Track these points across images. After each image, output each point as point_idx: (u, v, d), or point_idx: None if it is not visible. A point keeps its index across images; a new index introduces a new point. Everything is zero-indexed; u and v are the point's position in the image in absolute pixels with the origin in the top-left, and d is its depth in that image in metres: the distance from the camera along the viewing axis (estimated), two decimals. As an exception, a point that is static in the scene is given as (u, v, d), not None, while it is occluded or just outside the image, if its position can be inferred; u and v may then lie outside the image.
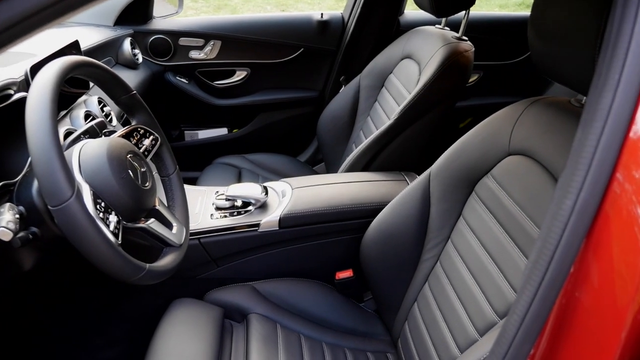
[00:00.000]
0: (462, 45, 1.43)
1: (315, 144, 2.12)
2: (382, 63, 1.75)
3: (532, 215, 0.86)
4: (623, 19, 0.49)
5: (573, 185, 0.51)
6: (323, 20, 1.96)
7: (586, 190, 0.50)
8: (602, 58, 0.52)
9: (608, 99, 0.50)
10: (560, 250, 0.52)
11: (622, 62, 0.49)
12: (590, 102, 0.53)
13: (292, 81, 2.06)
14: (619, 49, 0.49)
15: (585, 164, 0.51)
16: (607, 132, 0.49)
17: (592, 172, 0.50)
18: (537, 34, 0.84)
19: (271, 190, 1.32)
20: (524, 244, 0.86)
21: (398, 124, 1.42)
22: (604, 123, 0.50)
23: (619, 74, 0.49)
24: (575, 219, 0.51)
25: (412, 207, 1.13)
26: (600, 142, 0.50)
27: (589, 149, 0.50)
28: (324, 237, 1.26)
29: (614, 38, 0.50)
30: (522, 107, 0.98)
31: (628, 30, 0.49)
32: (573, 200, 0.51)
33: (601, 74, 0.51)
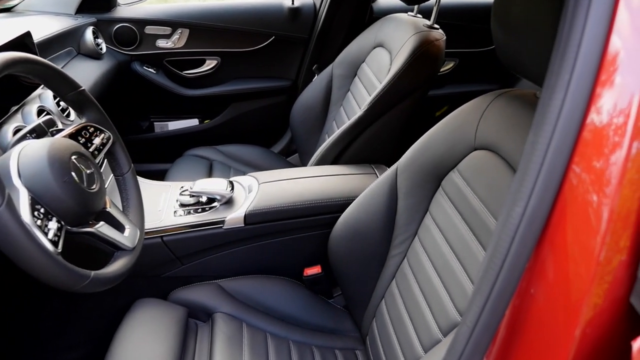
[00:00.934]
0: (432, 34, 1.40)
1: (289, 135, 2.08)
2: (355, 51, 1.71)
3: (495, 214, 0.84)
4: (574, 17, 0.47)
5: (523, 191, 0.49)
6: (294, 7, 1.91)
7: (536, 196, 0.48)
8: (553, 57, 0.49)
9: (558, 101, 0.47)
10: (508, 263, 0.49)
11: (573, 62, 0.46)
12: (542, 103, 0.50)
13: (264, 70, 2.01)
14: (569, 48, 0.47)
15: (535, 168, 0.48)
16: (557, 135, 0.47)
17: (542, 177, 0.48)
18: (500, 27, 0.81)
19: (238, 185, 1.29)
20: (487, 242, 0.84)
21: (368, 115, 1.39)
22: (553, 126, 0.47)
23: (569, 74, 0.47)
24: (524, 228, 0.49)
25: (379, 202, 1.11)
26: (550, 145, 0.47)
27: (539, 152, 0.48)
28: (292, 233, 1.24)
29: (565, 36, 0.48)
30: (488, 100, 0.95)
31: (579, 29, 0.46)
32: (523, 208, 0.49)
33: (552, 74, 0.49)
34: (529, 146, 0.51)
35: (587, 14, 0.46)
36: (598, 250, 0.46)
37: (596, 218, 0.46)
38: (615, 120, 0.46)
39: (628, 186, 0.45)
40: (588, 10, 0.46)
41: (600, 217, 0.46)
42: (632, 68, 0.46)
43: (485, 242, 0.84)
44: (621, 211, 0.45)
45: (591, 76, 0.46)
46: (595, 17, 0.46)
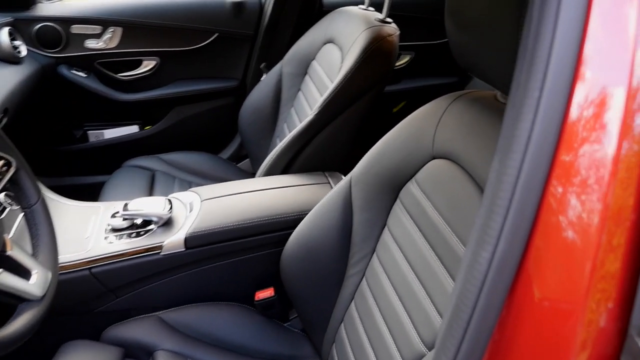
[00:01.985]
0: (385, 28, 1.30)
1: (238, 139, 1.95)
2: (304, 48, 1.59)
3: (457, 230, 0.75)
4: (541, 25, 0.37)
5: (490, 233, 0.39)
6: (237, 1, 1.77)
7: (505, 239, 0.38)
8: (518, 69, 0.40)
9: (527, 122, 0.37)
10: (477, 318, 0.40)
11: (543, 75, 0.37)
12: (507, 125, 0.40)
13: (208, 70, 1.86)
14: (538, 59, 0.37)
15: (503, 205, 0.39)
16: (527, 164, 0.37)
17: (512, 215, 0.38)
18: (455, 25, 0.71)
19: (177, 202, 1.16)
20: (451, 264, 0.75)
21: (320, 119, 1.28)
22: (522, 154, 0.38)
23: (539, 90, 0.37)
24: (493, 276, 0.39)
25: (333, 217, 1.01)
26: (520, 177, 0.38)
27: (507, 186, 0.38)
28: (239, 254, 1.12)
29: (531, 45, 0.38)
30: (444, 104, 0.86)
31: (547, 37, 0.37)
32: (490, 253, 0.39)
33: (518, 88, 0.39)
34: (494, 176, 0.41)
35: (556, 20, 0.36)
36: (583, 297, 0.37)
37: (583, 249, 0.37)
38: (595, 139, 0.37)
39: (613, 216, 0.37)
40: (557, 16, 0.36)
41: (587, 249, 0.37)
42: (605, 68, 0.37)
43: (448, 263, 0.75)
44: (611, 241, 0.37)
45: (566, 85, 0.37)
46: (566, 24, 0.36)
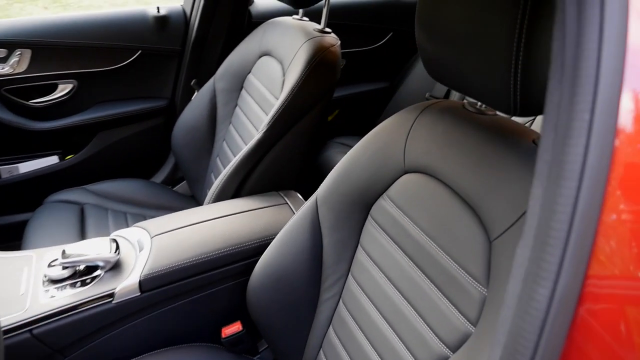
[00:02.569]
0: (326, 39, 1.27)
1: (172, 161, 1.83)
2: (238, 62, 1.52)
3: (445, 247, 0.73)
4: (582, 38, 0.35)
5: (545, 266, 0.37)
6: (160, 15, 1.66)
7: (568, 271, 0.36)
8: (554, 90, 0.38)
9: (580, 147, 0.35)
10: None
11: (592, 97, 0.35)
12: (547, 150, 0.38)
13: (133, 90, 1.73)
14: (583, 78, 0.35)
15: (560, 237, 0.36)
16: (585, 191, 0.35)
17: (573, 243, 0.36)
18: (428, 37, 0.69)
19: (124, 242, 1.05)
20: (443, 283, 0.73)
21: (269, 137, 1.22)
22: (578, 181, 0.35)
23: (589, 113, 0.35)
24: (555, 315, 0.37)
25: (301, 241, 0.96)
26: (577, 205, 0.36)
27: (563, 216, 0.36)
28: (201, 290, 1.03)
29: (570, 62, 0.36)
30: (412, 116, 0.84)
31: (593, 52, 0.35)
32: (549, 289, 0.37)
33: (561, 112, 0.37)
34: (538, 204, 0.38)
35: (601, 34, 0.34)
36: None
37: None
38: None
39: None
40: (601, 29, 0.34)
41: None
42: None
43: (439, 282, 0.73)
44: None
45: (616, 102, 0.35)
46: (612, 37, 0.34)
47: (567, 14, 0.36)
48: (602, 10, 0.34)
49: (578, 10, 0.35)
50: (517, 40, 0.54)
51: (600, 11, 0.34)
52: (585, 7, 0.34)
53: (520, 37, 0.53)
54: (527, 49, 0.53)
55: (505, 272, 0.62)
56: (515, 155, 0.67)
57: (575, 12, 0.35)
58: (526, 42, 0.53)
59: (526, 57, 0.54)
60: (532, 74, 0.55)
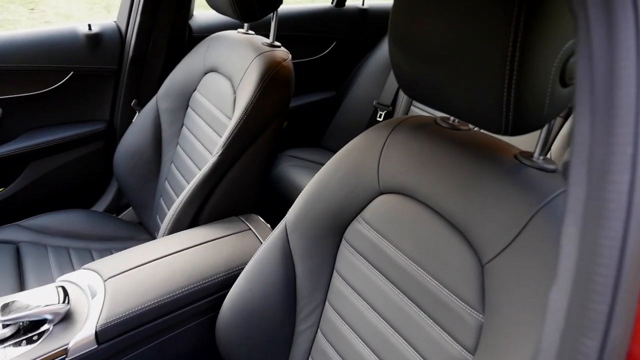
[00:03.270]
0: (277, 53, 1.22)
1: (115, 187, 1.70)
2: (181, 79, 1.44)
3: (431, 270, 0.70)
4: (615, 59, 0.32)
5: (592, 316, 0.34)
6: (92, 33, 1.54)
7: (617, 324, 0.33)
8: (582, 111, 0.35)
9: (624, 185, 0.33)
10: None
11: (634, 128, 0.32)
12: (578, 183, 0.35)
13: (68, 114, 1.59)
14: (620, 108, 0.32)
15: (608, 283, 0.33)
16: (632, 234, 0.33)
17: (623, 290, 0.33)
18: (404, 55, 0.66)
19: (73, 288, 0.94)
20: (434, 310, 0.70)
21: (224, 160, 1.15)
22: (624, 222, 0.33)
23: (632, 146, 0.32)
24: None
25: (272, 272, 0.90)
26: (626, 247, 0.33)
27: (610, 260, 0.33)
28: (166, 332, 0.95)
29: (603, 88, 0.33)
30: (384, 134, 0.81)
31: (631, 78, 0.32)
32: (599, 341, 0.34)
33: (595, 146, 0.34)
34: (573, 245, 0.36)
35: (639, 56, 0.32)
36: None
37: None
38: None
39: None
40: (638, 52, 0.32)
41: None
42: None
43: (428, 307, 0.70)
44: None
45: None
46: None
47: (594, 34, 0.33)
48: (638, 31, 0.31)
49: (608, 32, 0.32)
50: (511, 56, 0.51)
51: (635, 33, 0.31)
52: (617, 28, 0.32)
53: (514, 52, 0.51)
54: (521, 66, 0.51)
55: (504, 298, 0.59)
56: (500, 173, 0.65)
57: (604, 32, 0.32)
58: (520, 60, 0.51)
59: (520, 75, 0.52)
60: (526, 93, 0.53)
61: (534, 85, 0.53)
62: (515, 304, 0.58)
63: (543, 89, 0.53)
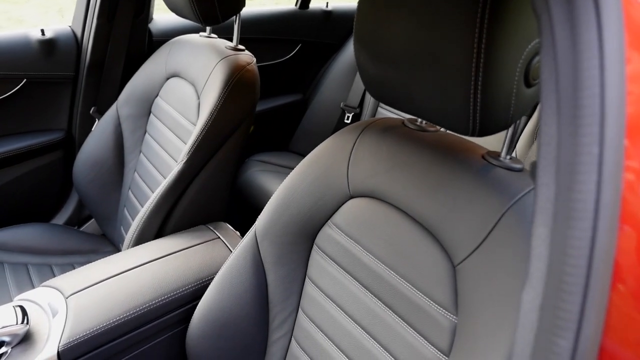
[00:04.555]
0: (241, 57, 1.20)
1: (76, 199, 1.64)
2: (142, 85, 1.40)
3: (405, 275, 0.69)
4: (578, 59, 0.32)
5: (565, 316, 0.34)
6: (46, 39, 1.48)
7: (590, 321, 0.33)
8: (549, 122, 0.35)
9: (591, 185, 0.32)
10: None
11: (600, 128, 0.32)
12: (547, 184, 0.35)
13: (22, 124, 1.52)
14: (585, 108, 0.32)
15: (578, 283, 0.33)
16: (601, 231, 0.33)
17: (593, 288, 0.33)
18: (370, 58, 0.65)
19: (32, 307, 0.90)
20: (407, 312, 0.69)
21: (189, 167, 1.12)
22: (593, 221, 0.33)
23: (598, 146, 0.32)
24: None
25: (243, 280, 0.88)
26: (595, 245, 0.33)
27: (579, 260, 0.33)
28: (134, 348, 0.91)
29: (568, 94, 0.33)
30: (352, 138, 0.80)
31: (595, 79, 0.32)
32: (571, 341, 0.33)
33: (560, 145, 0.34)
34: (543, 246, 0.35)
35: (602, 58, 0.32)
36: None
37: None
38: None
39: None
40: (602, 53, 0.32)
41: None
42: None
43: (403, 312, 0.70)
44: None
45: (622, 128, 0.33)
46: (613, 60, 0.32)
47: (558, 36, 0.33)
48: (600, 31, 0.31)
49: (572, 33, 0.32)
50: (476, 59, 0.51)
51: (598, 33, 0.31)
52: (580, 28, 0.31)
53: (479, 54, 0.51)
54: (486, 68, 0.51)
55: (476, 298, 0.59)
56: (469, 174, 0.65)
57: (568, 33, 0.32)
58: (485, 61, 0.51)
59: (486, 76, 0.51)
60: (492, 94, 0.53)
61: (499, 86, 0.53)
62: (488, 304, 0.58)
63: (509, 89, 0.53)
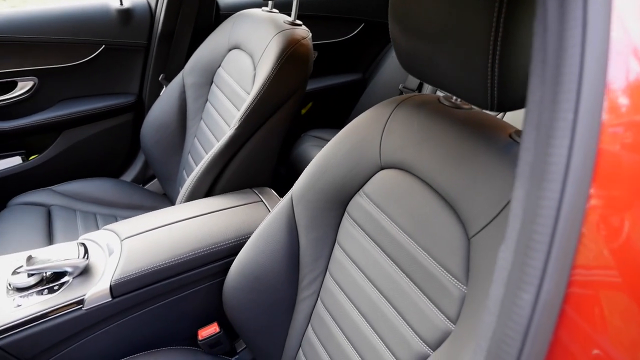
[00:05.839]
0: (297, 31, 1.25)
1: (142, 159, 1.78)
2: (207, 56, 1.49)
3: (424, 245, 0.72)
4: (564, 33, 0.34)
5: (529, 271, 0.36)
6: (124, 8, 1.60)
7: (552, 277, 0.35)
8: (536, 88, 0.36)
9: (563, 149, 0.34)
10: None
11: (576, 95, 0.34)
12: (528, 150, 0.37)
13: (98, 87, 1.67)
14: (567, 76, 0.34)
15: (543, 240, 0.35)
16: (569, 193, 0.34)
17: (557, 247, 0.35)
18: (403, 32, 0.68)
19: (93, 245, 1.01)
20: (422, 281, 0.72)
21: (241, 133, 1.19)
22: (562, 183, 0.35)
23: (573, 112, 0.34)
24: (538, 320, 0.36)
25: (278, 240, 0.94)
26: (562, 208, 0.35)
27: (547, 220, 0.35)
28: (175, 292, 1.01)
29: (553, 61, 0.35)
30: (388, 111, 0.83)
31: (576, 50, 0.34)
32: (533, 295, 0.36)
33: (543, 111, 0.36)
34: (520, 207, 0.37)
35: (585, 27, 0.34)
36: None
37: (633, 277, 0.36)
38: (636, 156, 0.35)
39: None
40: (585, 22, 0.33)
41: None
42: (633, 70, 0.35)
43: (417, 278, 0.73)
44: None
45: (601, 99, 0.34)
46: (595, 34, 0.34)
47: (549, 7, 0.35)
48: (586, 4, 0.33)
49: (560, 4, 0.34)
50: (494, 34, 0.53)
51: (583, 5, 0.33)
52: (569, 5, 0.33)
53: (498, 30, 0.52)
54: (504, 42, 0.52)
55: (484, 270, 0.61)
56: (493, 150, 0.66)
57: (557, 6, 0.34)
58: (503, 36, 0.52)
59: (503, 51, 0.53)
60: (509, 69, 0.54)
61: (516, 60, 0.54)
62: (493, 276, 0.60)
63: (526, 65, 0.54)
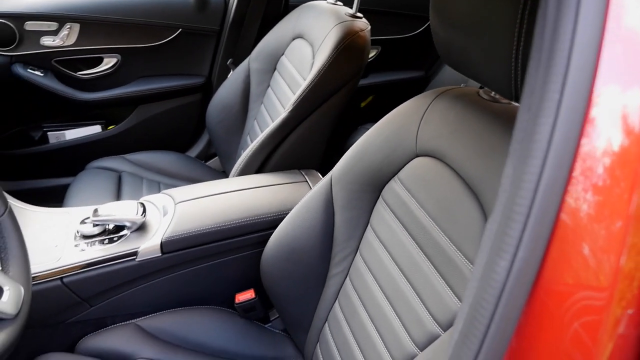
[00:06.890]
0: (357, 23, 1.30)
1: (207, 137, 1.90)
2: (272, 43, 1.57)
3: (445, 229, 0.75)
4: (559, 22, 0.37)
5: (507, 240, 0.39)
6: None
7: (526, 246, 0.38)
8: (532, 71, 0.40)
9: (547, 126, 0.37)
10: (494, 328, 0.40)
11: (563, 77, 0.37)
12: (521, 129, 0.40)
13: (172, 67, 1.81)
14: (557, 60, 0.37)
15: (522, 212, 0.38)
16: (548, 169, 0.37)
17: (533, 220, 0.38)
18: (441, 23, 0.71)
19: (150, 206, 1.12)
20: (440, 263, 0.75)
21: (294, 116, 1.26)
22: (543, 160, 0.38)
23: (559, 93, 0.37)
24: (512, 284, 0.39)
25: (315, 217, 1.00)
26: (540, 182, 0.38)
27: (527, 192, 0.38)
28: (217, 257, 1.09)
29: (547, 46, 0.38)
30: (427, 101, 0.86)
31: (567, 36, 0.36)
32: (509, 261, 0.39)
33: (534, 92, 0.39)
34: (508, 182, 0.41)
35: (577, 17, 0.36)
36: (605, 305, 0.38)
37: (597, 261, 0.38)
38: (617, 142, 0.37)
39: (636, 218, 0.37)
40: (577, 13, 0.36)
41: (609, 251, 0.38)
42: (625, 69, 0.37)
43: (438, 263, 0.76)
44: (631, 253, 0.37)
45: (586, 92, 0.37)
46: (587, 23, 0.36)
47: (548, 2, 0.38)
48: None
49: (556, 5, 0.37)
50: (519, 26, 0.55)
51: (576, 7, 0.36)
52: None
53: (522, 23, 0.55)
54: (528, 35, 0.55)
55: None
56: None
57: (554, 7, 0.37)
58: (527, 29, 0.54)
59: (527, 44, 0.55)
60: None
61: None
62: None
63: None
